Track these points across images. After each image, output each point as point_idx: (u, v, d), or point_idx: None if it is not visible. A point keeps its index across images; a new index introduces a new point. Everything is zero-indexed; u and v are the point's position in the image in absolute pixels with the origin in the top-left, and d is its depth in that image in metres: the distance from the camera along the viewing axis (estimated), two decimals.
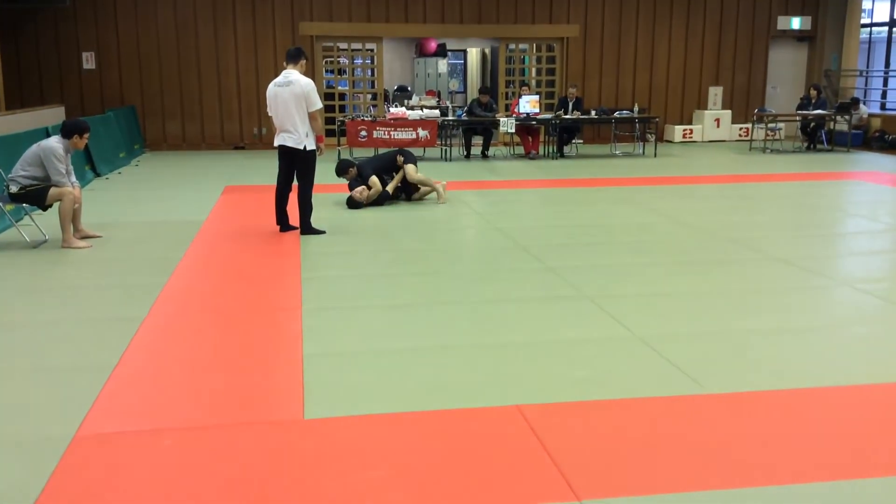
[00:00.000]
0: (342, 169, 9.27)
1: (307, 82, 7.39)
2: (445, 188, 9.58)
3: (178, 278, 6.08)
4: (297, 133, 7.39)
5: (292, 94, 7.32)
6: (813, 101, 15.09)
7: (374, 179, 9.16)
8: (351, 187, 9.19)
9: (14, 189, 7.08)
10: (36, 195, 7.11)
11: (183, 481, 3.08)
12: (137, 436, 3.47)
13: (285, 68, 7.51)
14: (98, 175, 11.55)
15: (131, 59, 15.19)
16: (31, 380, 4.12)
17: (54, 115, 12.39)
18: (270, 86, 7.53)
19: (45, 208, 7.35)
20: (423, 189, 9.55)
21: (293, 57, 7.54)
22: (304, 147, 7.44)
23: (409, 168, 9.27)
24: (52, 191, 7.08)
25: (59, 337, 4.78)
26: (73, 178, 7.36)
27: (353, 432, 3.48)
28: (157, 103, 15.43)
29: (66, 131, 7.24)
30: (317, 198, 7.86)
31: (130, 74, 15.25)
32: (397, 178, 9.30)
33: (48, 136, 8.28)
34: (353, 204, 9.08)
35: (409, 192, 9.49)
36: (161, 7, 15.11)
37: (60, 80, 14.98)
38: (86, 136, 7.34)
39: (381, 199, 9.21)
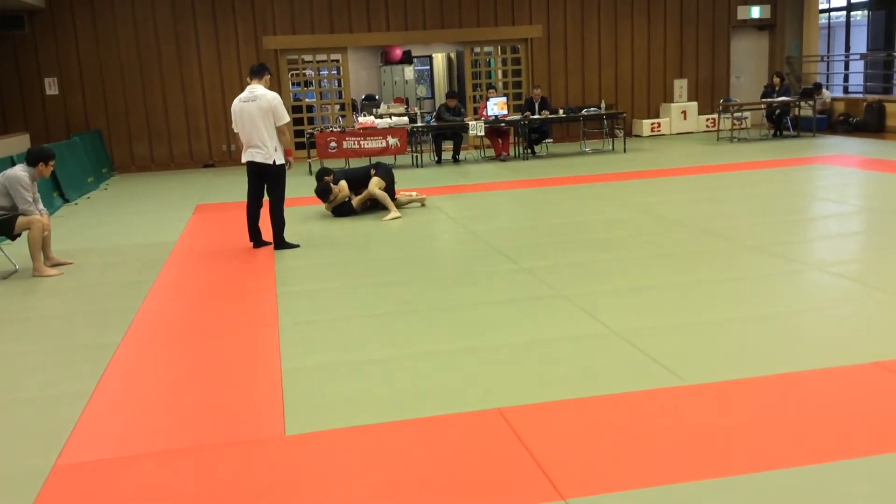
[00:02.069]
0: (320, 179, 9.32)
1: (273, 96, 7.36)
2: (419, 196, 9.60)
3: (152, 301, 6.03)
4: (265, 148, 7.36)
5: (259, 109, 7.29)
6: (776, 88, 15.26)
7: (342, 184, 9.16)
8: (325, 194, 9.18)
9: None
10: (3, 225, 7.02)
11: None
12: (118, 463, 3.43)
13: (249, 84, 7.48)
14: (67, 201, 11.43)
15: (94, 82, 15.06)
16: (6, 411, 4.06)
17: (19, 142, 12.26)
18: (235, 102, 7.49)
19: (13, 238, 7.26)
20: (404, 198, 9.48)
21: (257, 72, 7.51)
22: (274, 162, 7.41)
23: (374, 180, 9.15)
24: (20, 220, 7.00)
25: (34, 367, 4.72)
26: (41, 206, 7.29)
27: (335, 446, 3.46)
28: (123, 125, 15.30)
29: (31, 159, 7.16)
30: (289, 212, 7.83)
31: (94, 98, 15.12)
32: (364, 193, 9.22)
33: (13, 164, 8.19)
34: (321, 175, 9.22)
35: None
36: (121, 28, 15.00)
37: (24, 107, 14.82)
38: (51, 163, 7.27)
39: (344, 210, 9.19)
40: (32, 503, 3.09)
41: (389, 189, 9.24)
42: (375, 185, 9.13)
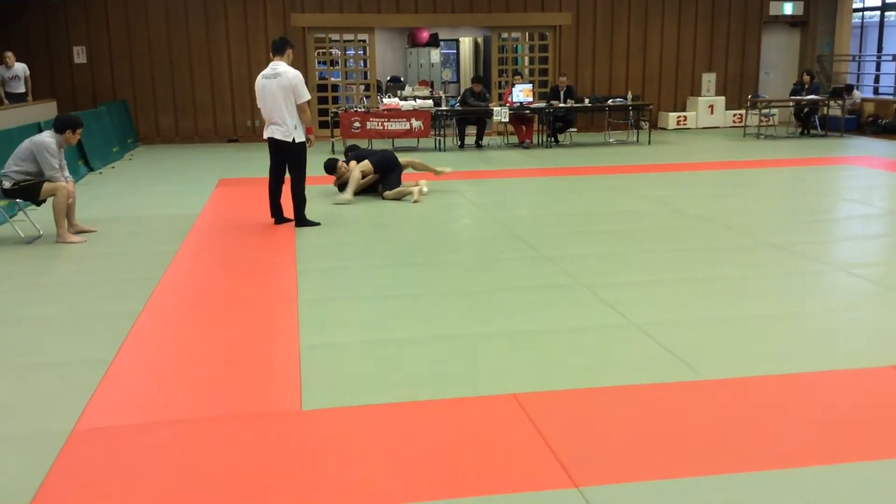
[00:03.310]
0: (345, 153, 9.64)
1: (295, 74, 7.36)
2: (419, 190, 9.08)
3: (174, 272, 6.08)
4: (285, 125, 7.38)
5: (280, 86, 7.30)
6: (806, 86, 15.09)
7: (352, 165, 9.22)
8: (330, 170, 9.33)
9: (7, 185, 7.07)
10: (29, 190, 7.09)
11: (181, 474, 3.09)
12: (135, 429, 3.47)
13: (272, 59, 7.49)
14: (91, 170, 11.51)
15: (122, 52, 15.13)
16: (27, 375, 4.11)
17: (46, 110, 12.34)
18: (259, 78, 7.51)
19: (38, 203, 7.33)
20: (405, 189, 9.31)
21: (279, 48, 7.50)
22: (294, 139, 7.42)
23: (363, 164, 9.08)
24: (46, 186, 7.07)
25: (55, 332, 4.78)
26: (67, 173, 7.35)
27: (351, 423, 3.48)
28: (149, 97, 15.37)
29: (59, 126, 7.21)
30: (310, 189, 7.85)
31: (122, 68, 15.19)
32: (352, 178, 9.10)
33: (40, 131, 8.26)
34: (346, 151, 9.67)
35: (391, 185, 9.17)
36: (151, 0, 15.03)
37: (51, 75, 14.91)
38: (79, 131, 7.32)
39: (343, 187, 9.23)
40: (51, 466, 3.14)
41: (389, 178, 9.10)
42: (357, 168, 9.05)
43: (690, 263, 6.17)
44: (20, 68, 12.75)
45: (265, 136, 7.56)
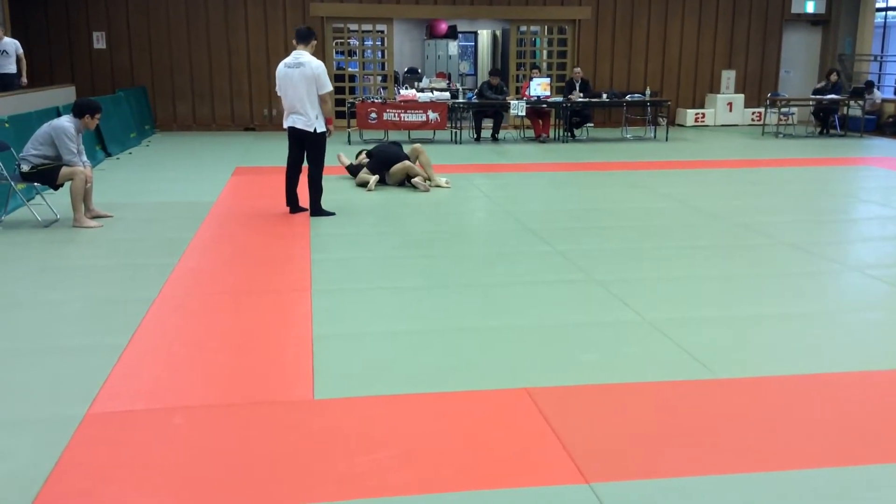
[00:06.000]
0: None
1: (318, 64, 7.34)
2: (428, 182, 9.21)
3: (189, 259, 6.10)
4: (306, 115, 7.37)
5: (303, 76, 7.28)
6: (831, 85, 14.96)
7: (361, 156, 9.71)
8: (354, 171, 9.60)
9: (25, 168, 7.11)
10: (47, 174, 7.13)
11: (193, 460, 3.10)
12: (148, 414, 3.49)
13: (295, 48, 7.46)
14: (109, 155, 11.57)
15: (142, 38, 15.17)
16: (41, 359, 4.14)
17: (65, 94, 12.39)
18: (280, 66, 7.48)
19: (56, 188, 7.37)
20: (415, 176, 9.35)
21: (304, 37, 7.47)
22: (315, 130, 7.41)
23: (363, 170, 9.47)
24: (64, 170, 7.10)
25: (70, 316, 4.80)
26: (85, 158, 7.38)
27: (363, 413, 3.49)
28: (168, 84, 15.41)
29: (78, 111, 7.24)
30: (327, 180, 7.86)
31: (141, 54, 15.23)
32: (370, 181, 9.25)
33: (59, 115, 8.29)
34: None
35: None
36: None
37: (71, 60, 14.98)
38: (97, 116, 7.35)
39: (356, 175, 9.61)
40: (63, 450, 3.16)
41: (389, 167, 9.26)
42: (365, 174, 9.34)
43: (705, 261, 6.14)
44: (11, 43, 11.32)
45: (285, 125, 7.54)
